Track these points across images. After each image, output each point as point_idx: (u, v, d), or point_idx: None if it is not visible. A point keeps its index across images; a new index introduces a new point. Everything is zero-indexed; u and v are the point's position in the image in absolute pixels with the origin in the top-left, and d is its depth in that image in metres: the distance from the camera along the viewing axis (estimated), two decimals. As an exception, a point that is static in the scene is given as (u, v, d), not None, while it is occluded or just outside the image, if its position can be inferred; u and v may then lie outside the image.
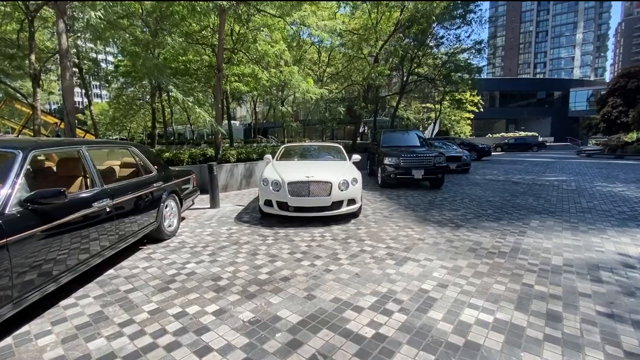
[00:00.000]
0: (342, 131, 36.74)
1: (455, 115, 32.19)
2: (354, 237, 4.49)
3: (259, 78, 10.39)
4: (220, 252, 3.94)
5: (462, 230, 4.79)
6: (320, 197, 4.90)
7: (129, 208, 3.48)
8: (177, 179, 4.83)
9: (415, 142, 10.20)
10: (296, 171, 5.31)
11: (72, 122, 7.05)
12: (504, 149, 32.88)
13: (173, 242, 4.37)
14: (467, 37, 27.02)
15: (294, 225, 5.09)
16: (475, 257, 3.74)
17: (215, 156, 9.09)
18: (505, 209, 6.28)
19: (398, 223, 5.20)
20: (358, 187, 5.24)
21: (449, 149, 13.68)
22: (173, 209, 4.65)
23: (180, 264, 3.58)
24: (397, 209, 6.23)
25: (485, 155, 20.88)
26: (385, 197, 7.48)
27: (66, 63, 6.94)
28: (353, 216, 5.55)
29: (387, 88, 29.03)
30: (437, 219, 5.49)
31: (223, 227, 5.06)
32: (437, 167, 8.42)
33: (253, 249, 4.03)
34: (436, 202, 6.95)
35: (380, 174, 9.14)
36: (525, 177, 11.20)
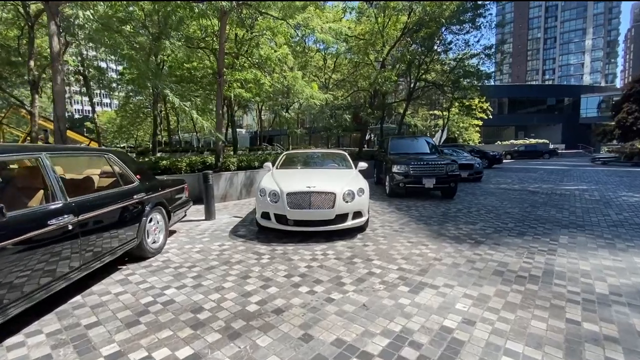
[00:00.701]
0: (349, 138, 36.31)
1: (464, 122, 31.59)
2: (360, 255, 3.96)
3: (261, 84, 10.02)
4: (207, 274, 3.44)
5: (483, 248, 4.23)
6: (322, 209, 4.39)
7: (99, 224, 3.02)
8: (165, 190, 4.38)
9: (425, 149, 9.66)
10: (296, 181, 4.82)
11: (63, 128, 6.70)
12: (514, 156, 32.04)
13: (157, 260, 3.89)
14: (477, 42, 26.42)
15: (293, 240, 4.58)
16: (503, 282, 3.18)
17: (215, 164, 8.67)
18: (527, 222, 5.69)
19: (410, 239, 4.65)
20: (365, 198, 4.72)
21: (459, 156, 13.08)
22: (159, 223, 4.19)
23: (159, 289, 3.09)
24: (408, 222, 5.68)
25: (496, 163, 20.19)
26: (395, 208, 6.94)
27: (57, 66, 6.62)
28: (359, 230, 5.03)
29: (394, 95, 28.63)
30: (453, 233, 4.93)
31: (215, 242, 4.58)
32: (450, 175, 7.86)
33: (245, 270, 3.53)
34: (450, 213, 6.39)
35: (388, 183, 8.61)
36: (542, 186, 10.55)
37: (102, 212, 3.02)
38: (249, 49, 9.26)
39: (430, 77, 18.97)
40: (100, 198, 3.07)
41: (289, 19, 8.26)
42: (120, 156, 3.66)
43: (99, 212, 2.97)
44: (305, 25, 8.57)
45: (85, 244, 2.83)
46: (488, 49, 18.19)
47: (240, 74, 10.60)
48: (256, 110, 28.20)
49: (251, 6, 8.35)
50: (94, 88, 19.49)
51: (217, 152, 9.19)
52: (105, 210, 3.06)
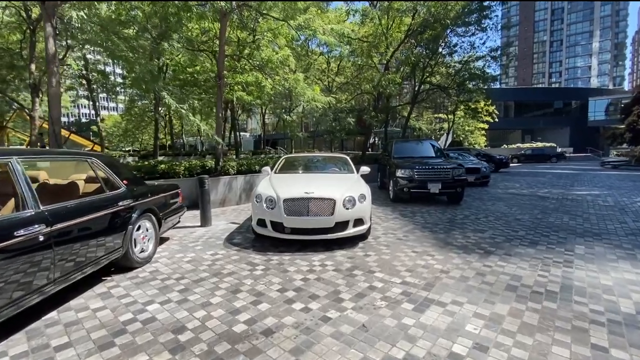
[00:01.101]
0: (352, 142, 36.11)
1: (469, 125, 31.20)
2: (361, 266, 3.69)
3: (262, 86, 9.84)
4: (195, 287, 3.20)
5: (493, 259, 3.93)
6: (321, 216, 4.14)
7: (78, 234, 2.80)
8: (156, 196, 4.16)
9: (430, 153, 9.37)
10: (294, 186, 4.58)
11: (58, 131, 6.54)
12: (521, 160, 31.51)
13: (144, 271, 3.66)
14: (482, 44, 26.08)
15: (291, 249, 4.33)
16: (518, 299, 2.89)
17: (215, 168, 8.48)
18: (539, 229, 5.38)
19: (415, 248, 4.37)
20: (367, 205, 4.46)
21: (465, 160, 12.76)
22: (148, 231, 3.96)
23: (142, 304, 2.86)
24: (413, 230, 5.40)
25: (503, 166, 19.78)
26: (398, 214, 6.66)
27: (53, 69, 6.48)
28: (361, 238, 4.76)
29: (398, 98, 28.37)
30: (460, 242, 4.64)
31: (208, 251, 4.34)
32: (456, 180, 7.57)
33: (236, 282, 3.28)
34: (457, 220, 6.09)
35: (392, 188, 8.33)
36: (552, 190, 10.19)
37: (80, 220, 2.80)
38: (251, 51, 9.08)
39: (435, 80, 18.71)
40: (78, 206, 2.85)
41: (290, 20, 8.08)
42: (105, 160, 3.45)
43: (76, 221, 2.75)
44: (307, 27, 8.38)
45: (61, 256, 2.61)
46: (494, 51, 17.90)
47: (242, 76, 10.44)
48: (260, 114, 28.14)
49: (252, 7, 8.18)
50: (98, 92, 19.52)
51: (216, 155, 9.00)
52: (84, 219, 2.84)
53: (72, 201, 2.85)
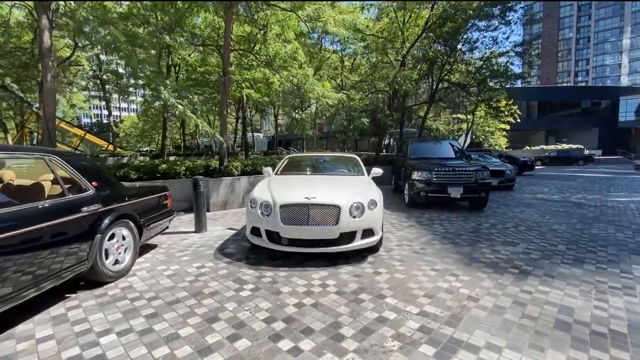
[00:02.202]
0: (366, 143, 35.27)
1: (490, 125, 29.85)
2: (369, 289, 3.06)
3: (270, 83, 9.33)
4: (167, 311, 2.66)
5: (532, 282, 3.22)
6: (323, 226, 3.53)
7: (23, 246, 2.31)
8: (136, 199, 3.67)
9: (449, 154, 8.61)
10: (294, 190, 4.00)
11: (51, 128, 6.22)
12: (545, 162, 29.85)
13: (117, 286, 3.15)
14: (506, 39, 24.54)
15: (288, 263, 3.74)
16: (575, 343, 2.19)
17: (218, 168, 8.02)
18: (581, 243, 4.58)
19: (434, 265, 3.70)
20: (378, 212, 3.82)
21: (487, 161, 11.86)
22: (125, 239, 3.47)
23: (97, 334, 2.33)
24: (431, 240, 4.71)
25: (527, 169, 18.60)
26: (415, 222, 5.97)
27: (47, 63, 6.17)
28: (371, 251, 4.12)
29: (415, 98, 27.41)
30: (489, 258, 3.93)
31: (195, 263, 3.81)
32: (480, 183, 6.80)
33: (216, 307, 2.72)
34: (482, 230, 5.35)
35: (407, 191, 7.63)
36: (586, 196, 9.20)
37: (26, 230, 2.31)
38: (258, 45, 8.58)
39: (454, 78, 17.77)
40: (22, 213, 2.35)
41: (299, 10, 7.52)
42: (69, 158, 2.96)
43: (18, 232, 2.25)
44: (317, 18, 7.81)
45: (3, 271, 2.12)
46: (518, 46, 16.81)
47: (249, 72, 9.98)
48: (273, 114, 27.79)
49: (257, -1, 7.68)
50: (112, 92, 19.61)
51: (220, 155, 8.55)
52: (30, 229, 2.34)
53: (16, 207, 2.35)
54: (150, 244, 4.58)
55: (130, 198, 3.54)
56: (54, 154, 2.84)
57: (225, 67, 8.15)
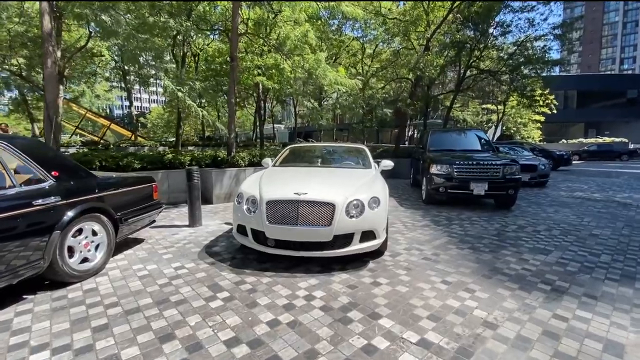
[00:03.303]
0: (389, 134, 34.15)
1: (522, 117, 27.87)
2: (362, 304, 2.55)
3: (281, 69, 8.85)
4: (120, 323, 2.29)
5: (568, 304, 2.59)
6: (315, 226, 3.04)
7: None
8: (110, 191, 3.33)
9: (474, 146, 7.80)
10: (286, 184, 3.53)
11: (53, 115, 6.09)
12: (583, 157, 27.54)
13: (81, 288, 2.84)
14: (544, 21, 21.99)
15: (277, 267, 3.30)
16: (631, 404, 1.59)
17: (225, 159, 7.71)
18: (630, 253, 3.82)
19: (446, 275, 3.12)
20: (380, 212, 3.28)
21: (518, 155, 10.84)
22: (97, 235, 3.15)
23: (32, 348, 1.99)
24: (447, 244, 4.10)
25: (563, 164, 17.11)
26: (430, 221, 5.34)
27: (48, 48, 6.00)
28: (373, 254, 3.59)
29: (442, 87, 26.00)
30: (514, 269, 3.29)
31: (175, 262, 3.45)
32: (508, 180, 6.03)
33: (177, 321, 2.32)
34: (508, 233, 4.66)
35: (425, 186, 6.97)
36: (633, 195, 8.09)
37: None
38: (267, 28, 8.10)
39: (484, 65, 16.46)
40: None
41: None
42: (22, 145, 2.63)
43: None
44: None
45: None
46: (557, 28, 15.26)
47: (261, 59, 9.53)
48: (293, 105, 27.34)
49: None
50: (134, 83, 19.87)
51: (228, 145, 8.22)
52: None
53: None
54: (137, 238, 4.30)
55: (103, 190, 3.21)
56: (2, 139, 2.52)
57: (233, 52, 7.74)
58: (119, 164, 6.56)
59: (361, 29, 17.44)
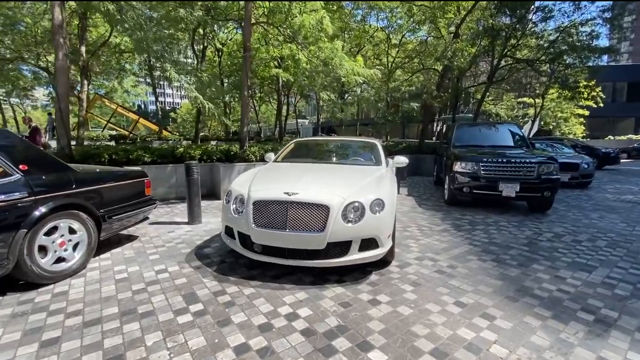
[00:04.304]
0: (416, 129, 32.87)
1: (563, 111, 25.71)
2: (353, 329, 2.13)
3: (296, 60, 8.46)
4: (72, 337, 2.03)
5: (617, 342, 2.02)
6: (305, 232, 2.64)
7: None
8: (93, 186, 3.12)
9: (506, 141, 7.03)
10: (279, 181, 3.16)
11: (64, 107, 6.08)
12: (632, 155, 24.96)
13: (52, 291, 2.64)
14: (591, 3, 19.93)
15: (266, 275, 2.94)
16: None
17: (236, 153, 7.48)
18: (701, 274, 3.09)
19: (461, 294, 2.62)
20: (385, 217, 2.82)
21: (557, 152, 9.81)
22: (76, 234, 2.94)
23: (-35, 366, 1.77)
24: (466, 254, 3.56)
25: (609, 162, 15.50)
26: (450, 225, 4.77)
27: (59, 40, 5.96)
28: (378, 264, 3.14)
29: (473, 79, 24.50)
30: (547, 289, 2.72)
31: (159, 265, 3.18)
32: (544, 180, 5.30)
33: (134, 339, 2.02)
34: (542, 242, 4.01)
35: (447, 186, 6.35)
36: (698, 200, 6.98)
37: None
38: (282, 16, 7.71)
39: (521, 54, 15.14)
40: None
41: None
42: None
43: None
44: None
45: None
46: (607, 11, 13.70)
47: (277, 50, 9.20)
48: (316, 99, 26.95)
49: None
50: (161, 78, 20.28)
51: (240, 140, 8.00)
52: None
53: None
54: (131, 235, 4.12)
55: (82, 185, 2.99)
56: (-38, 129, 2.33)
57: (246, 42, 7.44)
58: (129, 158, 6.49)
59: (387, 19, 16.65)
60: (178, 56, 7.30)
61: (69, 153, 6.12)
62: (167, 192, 6.56)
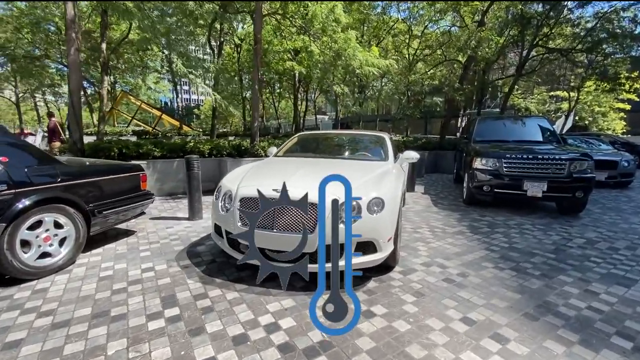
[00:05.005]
0: (439, 125, 31.74)
1: (601, 105, 23.87)
2: (339, 346, 1.87)
3: (309, 51, 8.18)
4: (35, 339, 1.90)
5: (666, 382, 1.63)
6: (293, 233, 2.40)
7: None
8: (81, 179, 3.01)
9: (534, 136, 6.45)
10: (270, 177, 2.93)
11: (76, 101, 6.15)
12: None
13: (33, 287, 2.54)
14: None
15: (255, 277, 2.71)
16: None
17: (247, 148, 7.36)
18: None
19: (470, 309, 2.28)
20: (384, 217, 2.52)
21: (594, 149, 9.00)
22: (63, 228, 2.85)
23: None
24: (482, 261, 3.18)
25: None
26: (466, 227, 4.37)
27: (72, 35, 6.01)
28: (379, 269, 2.84)
29: (501, 72, 23.22)
30: (575, 307, 2.33)
31: (146, 263, 3.04)
32: (576, 178, 4.76)
33: (96, 347, 1.85)
34: (571, 249, 3.55)
35: (466, 184, 5.90)
36: None
37: None
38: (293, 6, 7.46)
39: (554, 44, 14.06)
40: None
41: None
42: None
43: None
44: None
45: None
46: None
47: (290, 42, 8.97)
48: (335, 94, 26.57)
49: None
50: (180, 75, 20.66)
51: (251, 134, 7.88)
52: None
53: None
54: (130, 230, 4.04)
55: (69, 179, 2.88)
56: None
57: (257, 33, 7.26)
58: (139, 152, 6.50)
59: (408, 10, 16.02)
60: (195, 52, 7.23)
61: (80, 147, 6.20)
62: (175, 186, 6.52)
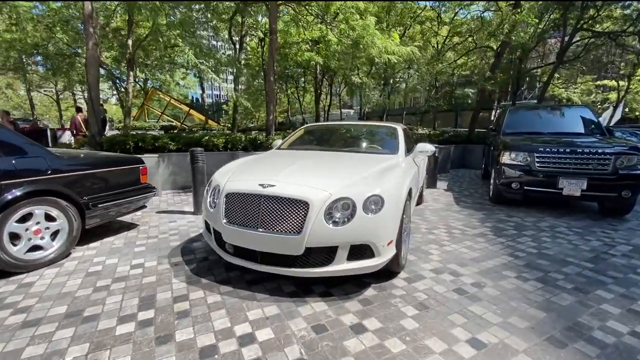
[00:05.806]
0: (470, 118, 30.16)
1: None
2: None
3: (327, 41, 7.86)
4: (7, 339, 1.80)
5: None
6: (278, 233, 2.15)
7: None
8: (76, 172, 2.95)
9: (574, 128, 5.76)
10: (262, 171, 2.69)
11: (95, 96, 6.26)
12: None
13: (20, 281, 2.50)
14: None
15: (243, 279, 2.53)
16: None
17: (262, 142, 7.23)
18: None
19: (482, 328, 1.93)
20: (384, 217, 2.21)
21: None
22: (56, 221, 2.80)
23: None
24: (502, 269, 2.78)
25: None
26: (490, 229, 3.92)
27: (89, 29, 6.11)
28: (380, 275, 2.54)
29: (541, 59, 21.49)
30: (615, 332, 1.91)
31: (137, 259, 2.94)
32: (623, 175, 4.14)
33: (56, 351, 1.73)
34: (614, 259, 3.04)
35: (493, 180, 5.37)
36: None
37: None
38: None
39: (601, 28, 12.69)
40: None
41: None
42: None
43: None
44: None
45: None
46: None
47: (308, 32, 8.69)
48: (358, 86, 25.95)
49: None
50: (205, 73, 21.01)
51: (267, 128, 7.74)
52: None
53: None
54: (133, 223, 4.00)
55: (60, 170, 2.82)
56: None
57: (272, 23, 7.05)
58: (155, 145, 6.55)
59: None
60: (218, 48, 7.17)
61: (99, 141, 6.34)
62: (188, 180, 6.49)
